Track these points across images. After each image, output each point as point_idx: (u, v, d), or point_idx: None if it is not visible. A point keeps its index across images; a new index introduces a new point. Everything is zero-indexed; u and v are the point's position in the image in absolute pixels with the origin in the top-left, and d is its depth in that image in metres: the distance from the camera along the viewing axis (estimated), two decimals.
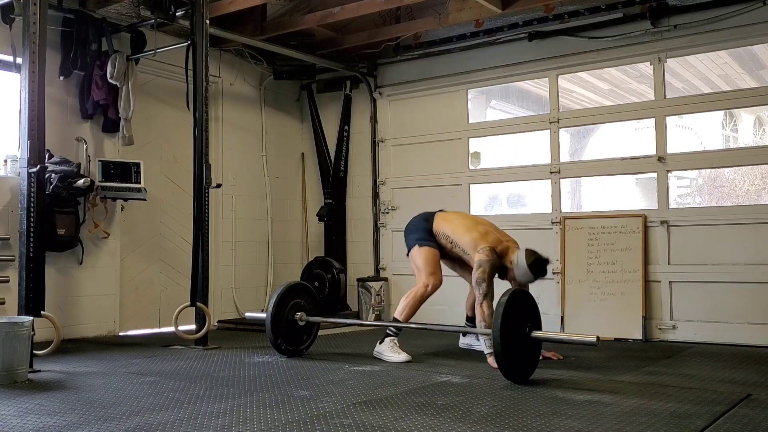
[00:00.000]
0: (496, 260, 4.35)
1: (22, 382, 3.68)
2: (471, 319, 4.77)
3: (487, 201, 7.92)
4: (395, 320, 4.58)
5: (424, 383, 3.67)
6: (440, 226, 4.65)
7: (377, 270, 7.09)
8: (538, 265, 4.31)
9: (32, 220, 4.14)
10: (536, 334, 3.78)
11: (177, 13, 5.35)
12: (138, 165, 5.60)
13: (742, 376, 3.94)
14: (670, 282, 5.51)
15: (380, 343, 4.53)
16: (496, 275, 4.46)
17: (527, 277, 4.33)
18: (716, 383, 3.74)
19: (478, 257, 4.35)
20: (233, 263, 6.78)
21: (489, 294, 4.24)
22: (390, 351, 4.46)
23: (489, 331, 3.90)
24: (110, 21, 5.64)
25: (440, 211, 4.84)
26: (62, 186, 5.04)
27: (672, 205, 5.79)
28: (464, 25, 6.33)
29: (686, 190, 9.04)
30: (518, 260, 4.32)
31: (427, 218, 4.74)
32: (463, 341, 4.99)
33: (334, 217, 7.19)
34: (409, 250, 4.75)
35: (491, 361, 3.97)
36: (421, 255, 4.61)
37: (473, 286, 4.38)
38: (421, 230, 4.68)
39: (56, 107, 5.36)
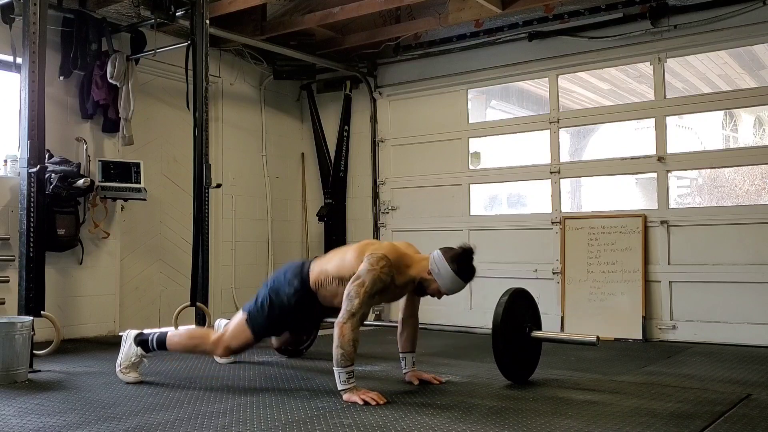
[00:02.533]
0: (387, 273, 3.28)
1: (22, 382, 3.68)
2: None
3: (487, 201, 7.93)
4: (159, 343, 3.68)
5: (424, 383, 3.67)
6: (319, 267, 3.56)
7: None
8: (463, 260, 3.32)
9: (32, 220, 4.14)
10: (536, 334, 3.78)
11: (177, 13, 5.34)
12: (138, 165, 5.61)
13: (742, 376, 3.94)
14: (670, 282, 5.51)
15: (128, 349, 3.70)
16: (406, 296, 3.63)
17: (455, 282, 3.33)
18: (716, 383, 3.74)
19: (361, 267, 3.30)
20: (233, 263, 6.78)
21: (358, 314, 3.21)
22: (127, 367, 3.70)
23: (348, 362, 3.17)
24: (110, 21, 5.63)
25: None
26: (62, 186, 5.03)
27: (672, 205, 5.79)
28: (464, 25, 6.33)
29: (686, 190, 9.05)
30: (437, 265, 3.33)
31: (299, 271, 3.62)
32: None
33: (334, 217, 7.19)
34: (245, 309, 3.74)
35: (347, 397, 3.17)
36: (240, 326, 3.68)
37: (343, 298, 3.28)
38: (260, 308, 3.69)
39: (56, 107, 5.35)
